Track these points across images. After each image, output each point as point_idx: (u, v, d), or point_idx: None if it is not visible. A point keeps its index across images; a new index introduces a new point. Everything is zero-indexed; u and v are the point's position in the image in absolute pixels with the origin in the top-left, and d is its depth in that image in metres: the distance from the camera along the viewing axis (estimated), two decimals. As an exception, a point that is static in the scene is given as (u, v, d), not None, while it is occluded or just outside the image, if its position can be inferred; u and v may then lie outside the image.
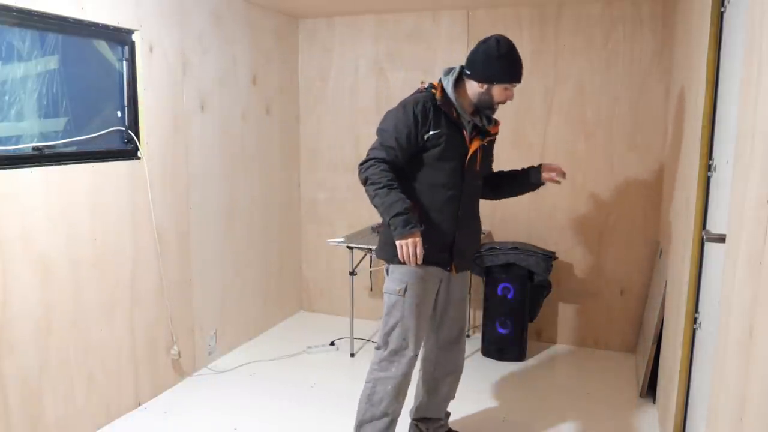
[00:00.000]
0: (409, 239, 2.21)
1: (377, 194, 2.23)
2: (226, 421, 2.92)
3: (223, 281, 3.66)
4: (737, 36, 1.70)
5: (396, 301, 2.34)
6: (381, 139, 2.31)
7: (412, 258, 2.22)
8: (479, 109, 2.36)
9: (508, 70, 2.28)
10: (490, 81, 2.27)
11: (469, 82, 2.32)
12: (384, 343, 2.38)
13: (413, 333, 2.35)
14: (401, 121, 2.27)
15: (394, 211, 2.20)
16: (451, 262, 2.39)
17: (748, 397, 1.07)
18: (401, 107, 2.31)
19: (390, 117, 2.32)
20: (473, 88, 2.32)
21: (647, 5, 3.54)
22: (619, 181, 3.72)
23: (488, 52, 2.26)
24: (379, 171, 2.24)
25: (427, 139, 2.28)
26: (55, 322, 2.55)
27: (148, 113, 2.98)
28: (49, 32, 2.51)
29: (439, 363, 2.58)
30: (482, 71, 2.27)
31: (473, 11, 3.88)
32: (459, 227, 2.38)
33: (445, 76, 2.36)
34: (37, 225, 2.45)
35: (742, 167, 1.23)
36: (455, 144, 2.32)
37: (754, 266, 1.09)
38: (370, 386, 2.40)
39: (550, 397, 3.22)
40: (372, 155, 2.29)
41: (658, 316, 2.97)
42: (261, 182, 3.98)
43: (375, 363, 2.41)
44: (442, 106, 2.29)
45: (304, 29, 4.31)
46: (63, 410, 2.61)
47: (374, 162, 2.26)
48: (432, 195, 2.33)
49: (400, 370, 2.36)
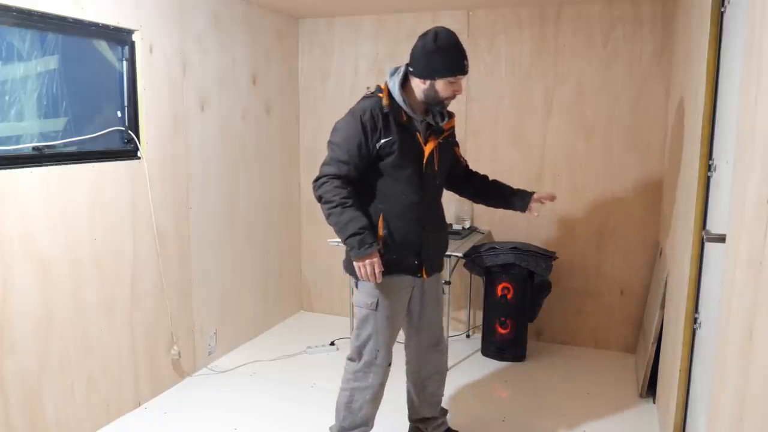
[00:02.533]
0: (366, 260, 2.17)
1: (331, 214, 2.18)
2: (226, 421, 2.92)
3: (223, 281, 3.66)
4: (737, 36, 1.69)
5: (368, 314, 2.32)
6: (332, 153, 2.23)
7: (371, 278, 2.19)
8: (429, 106, 2.28)
9: (449, 63, 2.18)
10: (431, 76, 2.19)
11: (414, 79, 2.24)
12: (358, 355, 2.37)
13: (386, 344, 2.35)
14: (351, 133, 2.20)
15: (349, 232, 2.15)
16: (421, 267, 2.35)
17: (748, 397, 1.07)
18: (350, 117, 2.23)
19: (339, 129, 2.25)
20: (418, 86, 2.24)
21: (647, 5, 3.54)
22: (619, 181, 3.72)
23: (426, 46, 2.18)
24: (332, 188, 2.18)
25: (379, 148, 2.21)
26: (55, 322, 2.55)
27: (148, 113, 2.98)
28: (49, 32, 2.51)
29: (423, 365, 2.55)
30: (422, 67, 2.19)
31: (473, 11, 3.88)
32: (425, 232, 2.33)
33: (391, 77, 2.28)
34: (37, 225, 2.45)
35: (742, 167, 1.23)
36: (410, 148, 2.25)
37: (754, 266, 1.09)
38: (347, 394, 2.39)
39: (550, 397, 3.22)
40: (324, 172, 2.22)
41: (658, 316, 2.97)
42: (261, 182, 3.98)
43: (350, 373, 2.39)
44: (389, 111, 2.21)
45: (304, 29, 4.32)
46: (63, 410, 2.61)
47: (327, 179, 2.20)
48: (393, 203, 2.27)
49: (377, 379, 2.36)
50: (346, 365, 2.42)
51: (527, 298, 3.64)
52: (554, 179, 3.85)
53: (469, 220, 3.99)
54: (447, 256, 3.38)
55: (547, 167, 3.86)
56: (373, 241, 2.18)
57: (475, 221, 4.06)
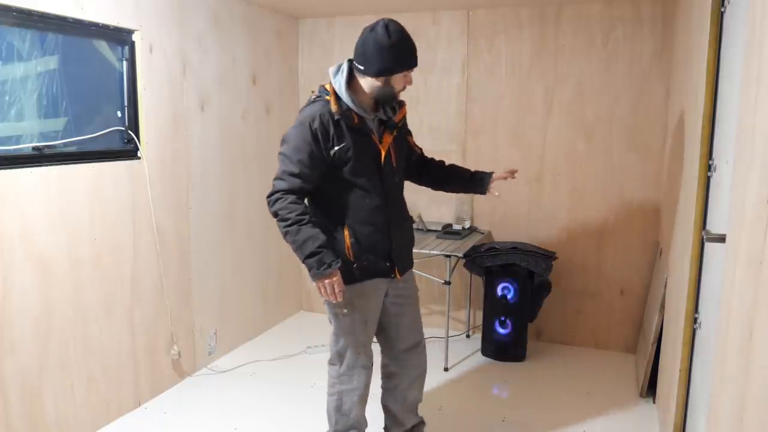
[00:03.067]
0: (326, 281, 2.10)
1: (288, 232, 2.09)
2: (226, 421, 2.92)
3: (222, 281, 3.66)
4: (737, 36, 1.69)
5: (343, 320, 2.28)
6: (283, 166, 2.13)
7: (331, 297, 2.13)
8: (381, 102, 2.20)
9: (405, 59, 2.11)
10: (389, 73, 2.10)
11: (363, 77, 2.14)
12: (339, 360, 2.35)
13: (365, 346, 2.34)
14: (301, 142, 2.10)
15: (306, 252, 2.07)
16: (394, 268, 2.30)
17: (748, 397, 1.07)
18: (299, 127, 2.12)
19: (289, 140, 2.14)
20: (370, 83, 2.14)
21: (647, 5, 3.54)
22: (619, 181, 3.72)
23: (380, 42, 2.06)
24: (286, 205, 2.09)
25: (334, 156, 2.12)
26: (55, 322, 2.55)
27: (148, 113, 2.98)
28: (49, 32, 2.51)
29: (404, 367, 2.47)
30: (377, 64, 2.09)
31: (473, 11, 3.88)
32: (392, 232, 2.27)
33: (335, 77, 2.17)
34: (37, 225, 2.45)
35: (742, 167, 1.23)
36: (365, 151, 2.17)
37: (754, 266, 1.09)
38: (335, 399, 2.37)
39: (550, 397, 3.22)
40: (276, 187, 2.13)
41: (658, 316, 2.97)
42: (261, 182, 3.98)
43: (334, 377, 2.37)
44: (340, 117, 2.12)
45: (304, 29, 4.31)
46: (63, 410, 2.61)
47: (280, 194, 2.11)
48: (356, 209, 2.20)
49: (362, 381, 2.36)
50: (330, 370, 2.39)
51: (527, 298, 3.64)
52: (554, 179, 3.85)
53: (469, 220, 3.99)
54: (447, 255, 3.39)
55: (547, 167, 3.86)
56: (333, 260, 2.10)
57: (475, 221, 4.06)
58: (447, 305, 3.60)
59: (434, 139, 4.05)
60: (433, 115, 4.04)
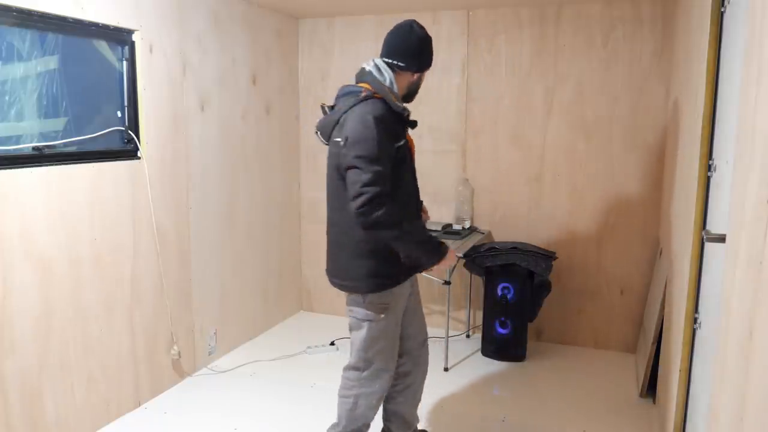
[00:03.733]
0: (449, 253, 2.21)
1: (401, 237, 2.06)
2: (226, 421, 2.92)
3: (223, 281, 3.66)
4: (737, 36, 1.70)
5: (377, 325, 2.25)
6: (370, 167, 1.99)
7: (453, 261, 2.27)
8: (409, 99, 2.28)
9: (432, 53, 2.27)
10: (426, 67, 2.24)
11: (403, 74, 2.20)
12: (366, 364, 2.29)
13: (394, 349, 2.34)
14: (383, 141, 2.02)
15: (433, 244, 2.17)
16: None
17: (748, 397, 1.07)
18: (374, 124, 2.01)
19: (368, 139, 2.00)
20: (408, 80, 2.22)
21: (647, 5, 3.54)
22: (619, 181, 3.72)
23: (423, 39, 2.20)
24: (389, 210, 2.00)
25: (398, 152, 2.11)
26: (55, 322, 2.55)
27: (148, 113, 2.98)
28: (49, 32, 2.51)
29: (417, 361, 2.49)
30: (419, 60, 2.21)
31: (473, 11, 3.88)
32: None
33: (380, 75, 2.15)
34: (37, 225, 2.45)
35: (742, 167, 1.23)
36: (408, 148, 2.22)
37: (754, 266, 1.09)
38: (351, 401, 2.33)
39: (550, 396, 3.22)
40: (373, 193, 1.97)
41: (658, 316, 2.97)
42: (261, 182, 3.98)
43: (353, 380, 2.32)
44: (401, 114, 2.12)
45: (304, 29, 4.32)
46: (63, 410, 2.61)
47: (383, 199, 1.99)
48: (405, 206, 2.18)
49: (384, 385, 2.33)
50: (349, 374, 2.34)
51: (527, 298, 3.64)
52: (554, 179, 3.85)
53: (469, 220, 3.99)
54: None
55: (547, 167, 3.86)
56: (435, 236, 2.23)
57: (475, 221, 4.06)
58: (447, 305, 3.60)
59: (434, 139, 4.05)
60: (433, 115, 4.04)
